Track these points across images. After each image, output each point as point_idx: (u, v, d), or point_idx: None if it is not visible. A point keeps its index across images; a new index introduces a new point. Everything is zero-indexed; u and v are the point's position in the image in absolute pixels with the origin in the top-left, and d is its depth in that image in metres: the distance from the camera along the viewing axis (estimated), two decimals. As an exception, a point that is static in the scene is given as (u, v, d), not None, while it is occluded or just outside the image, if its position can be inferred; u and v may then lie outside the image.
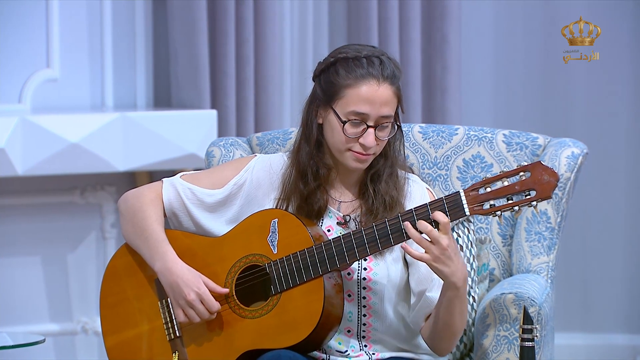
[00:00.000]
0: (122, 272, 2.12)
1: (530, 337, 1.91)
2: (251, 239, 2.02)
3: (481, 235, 2.35)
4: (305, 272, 1.95)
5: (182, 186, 2.09)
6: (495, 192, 1.88)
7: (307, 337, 1.93)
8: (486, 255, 2.31)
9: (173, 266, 2.02)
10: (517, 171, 1.88)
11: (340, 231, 2.04)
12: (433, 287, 1.98)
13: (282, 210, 2.03)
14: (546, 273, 2.30)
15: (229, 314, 2.02)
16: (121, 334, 2.09)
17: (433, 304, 1.97)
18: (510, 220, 2.34)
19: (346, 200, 2.08)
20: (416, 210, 1.91)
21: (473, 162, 2.35)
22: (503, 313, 2.10)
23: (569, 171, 2.30)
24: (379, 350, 2.05)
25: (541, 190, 1.86)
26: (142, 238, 2.06)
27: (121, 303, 2.11)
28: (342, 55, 2.00)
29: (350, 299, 2.02)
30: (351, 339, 2.04)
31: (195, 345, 2.03)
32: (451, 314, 1.93)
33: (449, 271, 1.88)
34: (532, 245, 2.31)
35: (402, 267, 2.03)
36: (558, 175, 1.87)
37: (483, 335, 2.12)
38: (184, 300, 2.00)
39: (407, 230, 1.89)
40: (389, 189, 2.03)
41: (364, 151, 1.98)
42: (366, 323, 2.03)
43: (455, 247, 1.90)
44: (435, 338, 1.99)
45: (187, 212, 2.09)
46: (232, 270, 2.02)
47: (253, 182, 2.09)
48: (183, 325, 2.04)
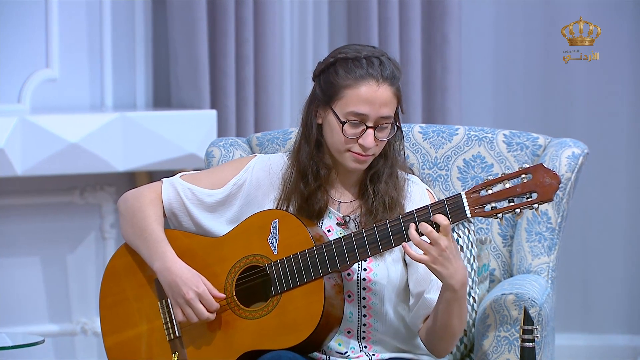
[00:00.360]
0: (122, 272, 2.12)
1: (531, 338, 1.91)
2: (251, 240, 2.02)
3: (481, 235, 2.34)
4: (306, 273, 1.95)
5: (182, 186, 2.09)
6: (496, 195, 1.88)
7: (307, 338, 1.93)
8: (486, 256, 2.31)
9: (172, 266, 2.01)
10: (518, 173, 1.88)
11: (340, 232, 2.04)
12: (431, 288, 1.97)
13: (282, 211, 2.02)
14: (547, 273, 2.29)
15: (229, 314, 2.01)
16: (121, 334, 2.09)
17: (431, 306, 1.97)
18: (511, 220, 2.34)
19: (346, 201, 2.07)
20: (417, 212, 1.91)
21: (473, 163, 2.35)
22: (503, 314, 2.09)
23: (570, 171, 2.29)
24: (379, 351, 2.05)
25: (543, 193, 1.86)
26: (142, 238, 2.05)
27: (121, 303, 2.10)
28: (341, 56, 2.00)
29: (350, 299, 2.02)
30: (351, 339, 2.04)
31: (195, 346, 2.03)
32: (449, 316, 1.93)
33: (447, 273, 1.87)
34: (533, 245, 2.30)
35: (402, 268, 2.03)
36: (560, 177, 1.87)
37: (483, 336, 2.12)
38: (182, 300, 1.99)
39: (406, 231, 1.89)
40: (389, 190, 2.02)
41: (363, 152, 1.97)
42: (366, 324, 2.03)
43: (455, 249, 1.89)
44: (433, 340, 1.98)
45: (187, 212, 2.09)
46: (232, 271, 2.02)
47: (253, 182, 2.09)
48: (183, 326, 2.04)
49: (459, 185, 2.34)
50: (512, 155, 2.35)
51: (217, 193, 2.08)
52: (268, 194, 2.08)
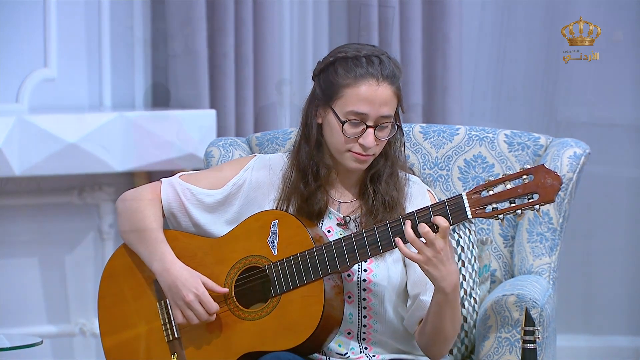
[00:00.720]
0: (120, 273, 2.11)
1: (532, 339, 1.90)
2: (251, 240, 2.01)
3: (482, 236, 2.34)
4: (306, 274, 1.94)
5: (181, 186, 2.08)
6: (497, 195, 1.87)
7: (307, 340, 1.92)
8: (487, 257, 2.30)
9: (171, 267, 2.01)
10: (519, 174, 1.87)
11: (340, 232, 2.03)
12: (427, 290, 1.97)
13: (282, 211, 2.02)
14: (548, 274, 2.29)
15: (228, 315, 2.00)
16: (119, 335, 2.09)
17: (426, 308, 1.96)
18: (512, 221, 2.33)
19: (346, 201, 2.06)
20: (418, 213, 1.90)
21: (474, 163, 2.34)
22: (504, 315, 2.08)
23: (571, 171, 2.29)
24: (379, 352, 2.04)
25: (544, 194, 1.85)
26: (140, 239, 2.05)
27: (119, 304, 2.10)
28: (341, 55, 1.99)
29: (350, 300, 2.01)
30: (351, 341, 2.03)
31: (194, 347, 2.02)
32: (441, 319, 1.91)
33: (440, 275, 1.86)
34: (534, 246, 2.29)
35: (402, 269, 2.02)
36: (561, 178, 1.85)
37: (484, 337, 2.11)
38: (182, 301, 1.99)
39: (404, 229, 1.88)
40: (389, 190, 2.01)
41: (364, 152, 1.97)
42: (366, 325, 2.02)
43: (450, 252, 1.88)
44: (427, 342, 1.98)
45: (186, 212, 2.08)
46: (232, 272, 2.01)
47: (252, 183, 2.08)
48: (182, 327, 2.03)
49: (460, 185, 2.33)
50: (513, 155, 2.34)
51: (216, 193, 2.08)
52: (268, 194, 2.08)
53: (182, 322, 2.01)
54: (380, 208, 2.00)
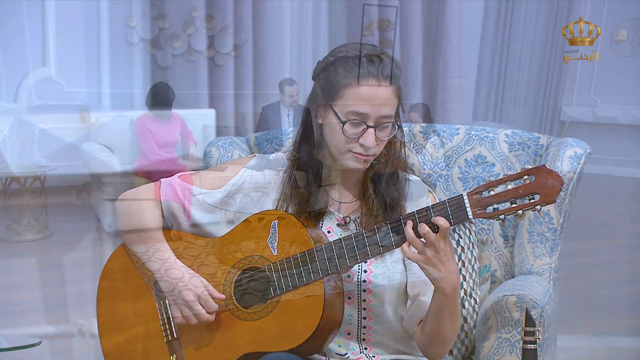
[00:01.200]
0: (119, 274, 2.10)
1: (533, 340, 1.89)
2: (251, 240, 2.00)
3: (483, 236, 2.33)
4: (305, 274, 1.93)
5: (181, 186, 2.07)
6: (498, 196, 1.86)
7: (307, 341, 1.91)
8: (488, 257, 2.29)
9: (171, 267, 2.00)
10: (520, 174, 1.86)
11: (340, 232, 2.03)
12: (427, 291, 1.97)
13: (282, 212, 2.01)
14: (549, 274, 2.28)
15: (228, 316, 2.00)
16: (118, 335, 2.08)
17: (425, 308, 1.96)
18: (513, 221, 2.32)
19: (346, 201, 2.06)
20: (419, 213, 1.89)
21: (475, 162, 2.34)
22: (505, 315, 2.08)
23: (572, 171, 2.28)
24: (379, 353, 2.03)
25: (545, 195, 1.84)
26: (140, 239, 2.04)
27: (118, 304, 2.09)
28: (341, 54, 1.98)
29: (350, 301, 2.00)
30: (351, 341, 2.03)
31: (193, 347, 2.02)
32: (440, 320, 1.91)
33: (440, 276, 1.86)
34: (535, 246, 2.29)
35: (402, 269, 2.02)
36: (563, 179, 1.85)
37: (485, 338, 2.10)
38: (181, 302, 1.98)
39: (404, 229, 1.87)
40: (390, 190, 2.01)
41: (364, 152, 1.96)
42: (366, 326, 2.02)
43: (450, 252, 1.87)
44: (427, 343, 1.97)
45: (186, 212, 2.07)
46: (231, 272, 2.01)
47: (252, 183, 2.08)
48: (181, 327, 2.02)
49: (460, 185, 2.33)
50: (513, 155, 2.33)
51: (216, 193, 2.07)
52: (267, 194, 2.07)
53: (181, 322, 2.00)
54: (380, 208, 2.00)
